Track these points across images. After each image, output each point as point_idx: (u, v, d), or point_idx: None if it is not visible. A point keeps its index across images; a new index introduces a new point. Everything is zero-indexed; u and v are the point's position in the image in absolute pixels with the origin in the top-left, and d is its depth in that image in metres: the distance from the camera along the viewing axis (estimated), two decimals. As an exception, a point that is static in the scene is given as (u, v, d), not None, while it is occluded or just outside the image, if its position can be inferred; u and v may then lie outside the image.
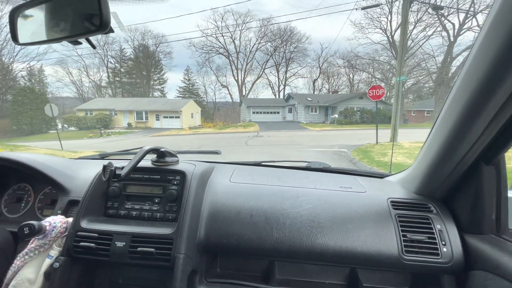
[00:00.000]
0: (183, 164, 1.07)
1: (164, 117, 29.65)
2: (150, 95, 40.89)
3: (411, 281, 0.93)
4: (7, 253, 0.97)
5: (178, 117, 29.29)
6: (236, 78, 44.53)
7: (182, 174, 1.01)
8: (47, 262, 0.88)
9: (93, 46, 0.73)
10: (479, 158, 0.75)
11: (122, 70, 40.79)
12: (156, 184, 1.01)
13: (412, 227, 0.89)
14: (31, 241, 0.89)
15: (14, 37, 0.72)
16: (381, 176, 1.24)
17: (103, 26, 0.60)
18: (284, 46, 43.33)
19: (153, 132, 23.49)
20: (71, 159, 1.41)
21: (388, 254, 0.84)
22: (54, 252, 0.90)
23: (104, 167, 0.87)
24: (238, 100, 40.88)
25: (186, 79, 44.97)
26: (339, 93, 36.44)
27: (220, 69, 44.76)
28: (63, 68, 37.61)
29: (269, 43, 43.37)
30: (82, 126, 26.74)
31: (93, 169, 1.14)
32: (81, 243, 0.88)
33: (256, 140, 13.88)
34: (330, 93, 37.84)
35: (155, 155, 1.06)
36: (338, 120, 25.22)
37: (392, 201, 0.97)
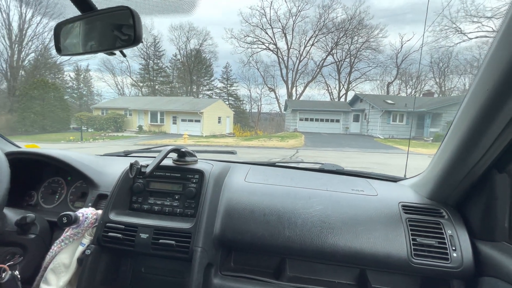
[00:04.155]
0: (202, 163, 1.11)
1: (182, 120, 23.02)
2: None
3: (420, 284, 0.93)
4: (46, 240, 1.04)
5: (199, 120, 22.22)
6: (285, 79, 36.15)
7: (200, 173, 1.05)
8: (80, 249, 0.96)
9: (124, 55, 0.79)
10: (492, 166, 0.75)
11: (155, 67, 36.91)
12: (177, 181, 1.06)
13: (422, 231, 0.89)
14: (66, 230, 0.97)
15: (58, 48, 0.81)
16: (395, 180, 1.25)
17: (137, 41, 0.69)
18: (350, 41, 33.18)
19: (156, 138, 16.80)
20: (98, 156, 1.51)
21: (397, 257, 0.85)
22: (86, 240, 0.98)
23: (131, 164, 0.92)
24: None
25: (224, 78, 38.53)
26: (436, 96, 24.25)
27: (268, 68, 36.95)
28: (108, 68, 35.66)
29: (329, 36, 33.85)
30: (93, 127, 22.06)
31: (119, 165, 1.20)
32: (110, 234, 0.94)
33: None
34: (420, 94, 25.82)
35: (176, 155, 1.10)
36: (438, 136, 14.17)
37: (403, 205, 0.97)
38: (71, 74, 34.48)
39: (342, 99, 33.70)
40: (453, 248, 0.84)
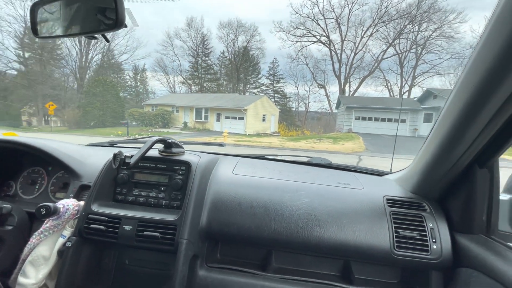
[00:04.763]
0: (189, 155, 1.10)
1: (226, 117, 22.21)
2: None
3: (401, 275, 0.96)
4: (24, 232, 1.02)
5: (242, 118, 21.08)
6: (337, 74, 32.87)
7: (187, 164, 1.03)
8: (60, 241, 0.94)
9: (107, 40, 0.76)
10: (473, 161, 0.77)
11: (203, 64, 37.20)
12: (163, 173, 1.04)
13: (405, 224, 0.90)
14: (46, 221, 0.93)
15: (34, 30, 0.76)
16: (381, 174, 1.26)
17: (119, 24, 0.65)
18: (417, 28, 28.24)
19: (199, 136, 16.14)
20: (82, 146, 1.45)
21: (380, 249, 0.87)
22: (67, 232, 0.95)
23: (115, 155, 0.91)
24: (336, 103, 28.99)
25: (270, 74, 36.84)
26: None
27: (318, 63, 34.08)
28: (161, 67, 37.59)
29: (391, 25, 29.43)
30: (143, 122, 22.91)
31: (103, 156, 1.18)
32: (92, 225, 0.92)
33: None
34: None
35: (162, 145, 1.08)
36: None
37: (388, 199, 0.99)
38: (130, 74, 37.31)
39: (405, 96, 29.03)
40: (434, 240, 0.87)
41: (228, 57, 37.61)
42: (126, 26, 0.66)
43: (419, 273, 0.91)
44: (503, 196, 0.84)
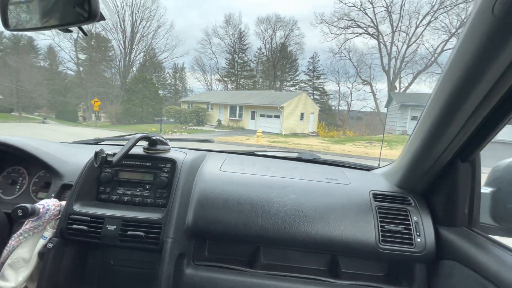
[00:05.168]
0: (174, 152, 1.08)
1: (261, 115, 20.89)
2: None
3: (387, 268, 0.97)
4: (3, 234, 0.99)
5: (278, 116, 19.56)
6: (386, 69, 29.33)
7: (172, 162, 1.02)
8: (41, 242, 0.91)
9: (85, 34, 0.74)
10: (456, 156, 0.79)
11: (239, 61, 36.33)
12: (148, 171, 1.02)
13: (390, 218, 0.91)
14: (25, 223, 0.91)
15: (5, 22, 0.73)
16: (368, 169, 1.25)
17: (92, 16, 0.62)
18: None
19: (231, 135, 15.16)
20: (65, 144, 1.41)
21: (366, 243, 0.87)
22: (48, 233, 0.93)
23: (96, 153, 0.88)
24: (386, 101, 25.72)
25: (310, 70, 34.39)
26: None
27: (363, 57, 30.77)
28: (199, 65, 38.00)
29: (453, 12, 25.03)
30: (179, 119, 22.90)
31: (87, 154, 1.13)
32: (74, 226, 0.90)
33: None
34: None
35: (147, 143, 1.05)
36: None
37: (374, 193, 0.99)
38: (170, 72, 38.43)
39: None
40: (418, 233, 0.87)
41: (265, 53, 36.34)
42: (103, 19, 0.63)
43: (403, 266, 0.92)
44: (485, 190, 0.84)
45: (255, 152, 1.39)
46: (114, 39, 31.80)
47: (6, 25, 0.71)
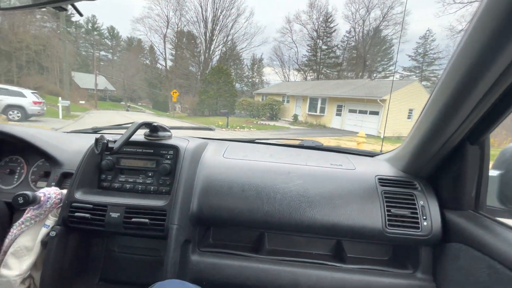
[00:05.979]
0: (176, 139, 1.07)
1: (350, 110, 16.29)
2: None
3: (392, 252, 0.98)
4: (4, 223, 0.99)
5: (376, 113, 14.63)
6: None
7: (175, 148, 1.01)
8: (44, 231, 0.91)
9: (80, 14, 0.70)
10: (465, 138, 0.78)
11: (323, 47, 31.37)
12: (150, 158, 1.01)
13: (396, 203, 0.91)
14: (26, 211, 0.91)
15: None
16: (372, 155, 1.25)
17: None
18: None
19: (311, 134, 11.67)
20: (63, 132, 1.40)
21: (372, 227, 0.88)
22: (50, 221, 0.93)
23: (96, 140, 0.87)
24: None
25: (418, 54, 26.42)
26: None
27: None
28: (278, 56, 35.61)
29: None
30: (251, 112, 20.79)
31: (86, 142, 1.13)
32: (76, 214, 0.90)
33: None
34: None
35: (148, 130, 1.04)
36: None
37: (379, 178, 0.98)
38: (248, 64, 37.26)
39: None
40: (424, 217, 0.88)
41: (354, 37, 30.32)
42: None
43: (409, 249, 0.93)
44: (492, 172, 0.82)
45: (256, 140, 1.39)
46: (197, 32, 32.35)
47: None
